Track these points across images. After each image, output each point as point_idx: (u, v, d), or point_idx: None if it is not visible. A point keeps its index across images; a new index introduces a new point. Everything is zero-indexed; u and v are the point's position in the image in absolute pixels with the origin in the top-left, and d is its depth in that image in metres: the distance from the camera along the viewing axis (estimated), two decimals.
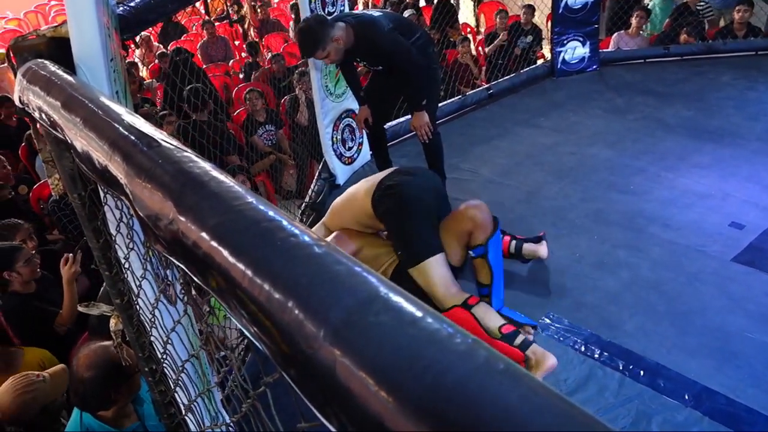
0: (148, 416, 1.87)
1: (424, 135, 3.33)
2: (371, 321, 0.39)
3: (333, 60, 3.14)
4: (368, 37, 3.10)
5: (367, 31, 3.09)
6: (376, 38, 3.10)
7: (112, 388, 1.75)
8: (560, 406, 0.32)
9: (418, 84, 3.22)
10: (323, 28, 2.99)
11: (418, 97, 3.26)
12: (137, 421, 1.86)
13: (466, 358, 0.35)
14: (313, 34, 2.99)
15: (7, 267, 2.76)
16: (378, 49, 3.16)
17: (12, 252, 2.78)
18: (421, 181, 2.52)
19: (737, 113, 4.33)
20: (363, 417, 0.36)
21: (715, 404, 2.11)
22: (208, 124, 4.55)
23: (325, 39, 2.99)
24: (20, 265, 2.77)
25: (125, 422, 1.84)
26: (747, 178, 3.47)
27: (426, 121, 3.28)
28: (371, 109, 3.55)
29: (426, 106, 3.27)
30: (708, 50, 5.44)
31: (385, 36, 3.10)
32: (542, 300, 2.71)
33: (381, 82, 3.49)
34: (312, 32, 2.99)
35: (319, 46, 3.01)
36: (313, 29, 2.99)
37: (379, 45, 3.12)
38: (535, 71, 5.53)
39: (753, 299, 2.55)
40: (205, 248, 0.53)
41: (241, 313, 0.49)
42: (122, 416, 1.84)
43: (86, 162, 0.81)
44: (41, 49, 1.19)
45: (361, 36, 3.09)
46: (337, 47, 3.05)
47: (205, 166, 0.62)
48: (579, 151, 4.06)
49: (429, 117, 3.29)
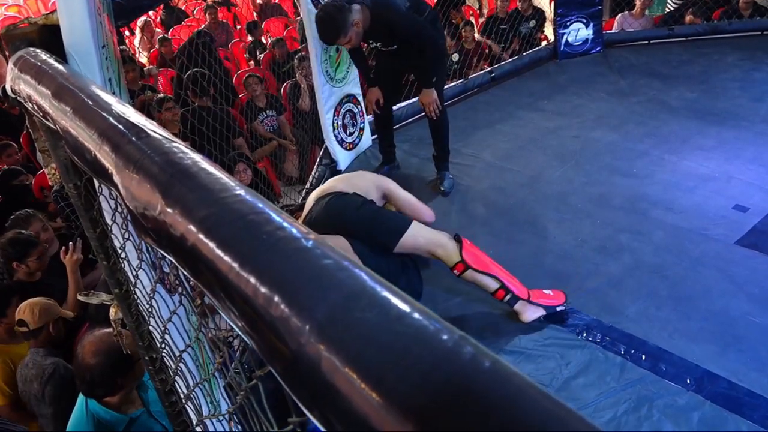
0: (153, 402, 1.88)
1: (433, 111, 3.31)
2: (357, 317, 0.38)
3: (354, 44, 3.09)
4: (386, 17, 3.05)
5: (385, 11, 3.05)
6: (394, 18, 3.07)
7: (118, 374, 1.77)
8: (546, 404, 0.31)
9: (432, 61, 3.21)
10: (342, 14, 2.93)
11: (431, 74, 3.25)
12: (142, 407, 1.88)
13: (452, 355, 0.34)
14: (333, 22, 2.94)
15: (18, 259, 2.86)
16: (395, 29, 3.11)
17: (27, 246, 2.89)
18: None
19: (742, 95, 4.28)
20: (348, 414, 0.35)
21: (717, 388, 2.10)
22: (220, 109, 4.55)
23: (346, 25, 2.94)
24: (32, 259, 2.88)
25: (130, 408, 1.85)
26: (751, 160, 3.44)
27: (435, 97, 3.28)
28: (382, 91, 3.52)
29: (435, 83, 3.27)
30: (713, 31, 5.37)
31: (403, 16, 3.07)
32: (544, 285, 2.70)
33: (390, 63, 3.45)
34: (332, 20, 2.94)
35: (341, 34, 2.96)
36: (333, 17, 2.94)
37: (397, 25, 3.08)
38: (537, 54, 5.47)
39: (756, 283, 2.54)
40: (192, 241, 0.52)
41: (228, 306, 0.49)
42: (127, 402, 1.85)
43: (77, 152, 0.80)
44: (33, 37, 1.18)
45: (378, 17, 3.04)
46: (357, 31, 3.01)
47: (194, 157, 0.61)
48: (582, 134, 4.03)
49: (437, 94, 3.29)
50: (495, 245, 3.02)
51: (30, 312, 2.41)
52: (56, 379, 2.31)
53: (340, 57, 3.79)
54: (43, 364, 2.36)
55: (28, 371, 2.38)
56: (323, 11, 3.01)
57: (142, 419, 1.85)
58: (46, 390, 2.30)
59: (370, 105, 3.58)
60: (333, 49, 3.71)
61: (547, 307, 2.45)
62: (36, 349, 2.44)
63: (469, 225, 3.22)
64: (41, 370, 2.35)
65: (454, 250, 2.40)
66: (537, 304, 2.44)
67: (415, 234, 2.45)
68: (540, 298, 2.46)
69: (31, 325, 2.40)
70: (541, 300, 2.46)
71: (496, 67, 5.23)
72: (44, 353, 2.42)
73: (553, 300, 2.48)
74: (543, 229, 3.09)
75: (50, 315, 2.45)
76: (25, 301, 2.47)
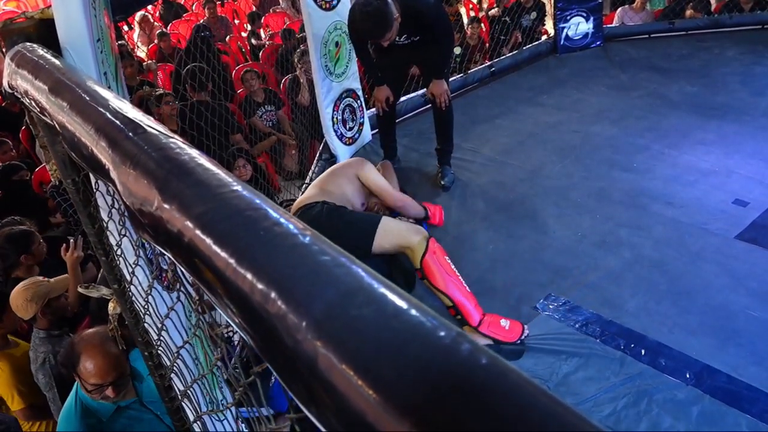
0: (147, 393, 1.88)
1: (444, 102, 3.31)
2: (354, 314, 0.38)
3: (392, 39, 3.03)
4: (415, 8, 3.02)
5: (416, 3, 3.03)
6: (423, 10, 3.05)
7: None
8: (544, 401, 0.31)
9: (446, 51, 3.21)
10: (388, 6, 2.87)
11: (444, 65, 3.25)
12: (134, 397, 1.88)
13: (449, 352, 0.34)
14: (383, 16, 2.87)
15: (25, 250, 2.90)
16: (423, 20, 3.09)
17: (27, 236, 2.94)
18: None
19: (742, 89, 4.27)
20: (345, 411, 0.35)
21: (716, 382, 2.11)
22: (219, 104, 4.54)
23: (392, 19, 2.90)
24: (35, 246, 2.94)
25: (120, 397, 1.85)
26: (751, 154, 3.43)
27: (446, 88, 3.28)
28: (391, 88, 3.48)
29: (446, 74, 3.28)
30: (714, 24, 5.35)
31: (431, 6, 3.07)
32: (544, 279, 2.70)
33: (398, 58, 3.41)
34: (382, 14, 2.87)
35: (388, 28, 2.91)
36: (382, 10, 2.86)
37: (425, 16, 3.06)
38: (538, 48, 5.45)
39: (756, 277, 2.54)
40: (189, 237, 0.52)
41: (225, 303, 0.48)
42: None
43: (74, 148, 0.80)
44: (30, 32, 1.17)
45: (407, 8, 2.99)
46: (396, 25, 2.96)
47: (192, 152, 0.61)
48: (582, 129, 4.02)
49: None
50: (495, 240, 3.02)
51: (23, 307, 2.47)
52: (46, 369, 2.40)
53: (340, 52, 3.78)
54: (36, 352, 2.44)
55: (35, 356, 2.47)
56: (371, 6, 2.89)
57: (131, 408, 1.85)
58: (38, 378, 2.41)
59: (380, 104, 3.51)
60: (332, 43, 3.69)
61: (495, 340, 2.36)
62: (37, 330, 2.51)
63: (469, 220, 3.22)
64: (35, 356, 2.44)
65: (419, 254, 2.40)
66: (485, 336, 2.37)
67: (384, 233, 2.46)
68: (491, 329, 2.38)
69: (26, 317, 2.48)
70: (491, 332, 2.38)
71: (495, 62, 5.21)
72: (43, 337, 2.48)
73: (505, 335, 2.37)
74: (543, 224, 3.09)
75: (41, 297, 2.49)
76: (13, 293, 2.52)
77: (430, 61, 3.35)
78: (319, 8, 3.57)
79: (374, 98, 3.54)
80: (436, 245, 2.44)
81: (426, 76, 3.44)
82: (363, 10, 2.94)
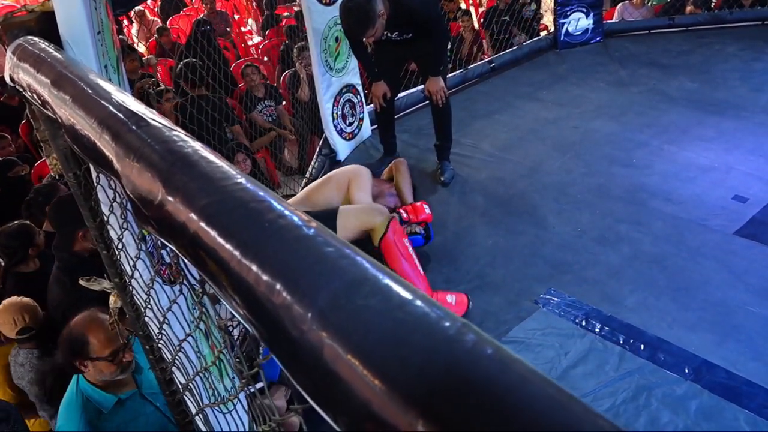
0: (146, 384, 1.89)
1: (440, 99, 3.30)
2: (359, 304, 0.38)
3: (377, 36, 3.03)
4: (407, 5, 3.01)
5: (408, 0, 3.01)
6: (415, 7, 3.03)
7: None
8: (550, 391, 0.31)
9: (440, 48, 3.20)
10: (370, 3, 2.86)
11: (439, 62, 3.24)
12: (134, 389, 1.88)
13: (454, 342, 0.34)
14: (364, 13, 2.86)
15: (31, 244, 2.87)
16: (416, 16, 3.07)
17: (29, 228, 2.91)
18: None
19: (742, 85, 4.27)
20: (351, 401, 0.36)
21: (715, 378, 2.11)
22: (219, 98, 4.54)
23: (374, 17, 2.88)
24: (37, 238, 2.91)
25: (120, 389, 1.86)
26: (751, 150, 3.44)
27: (443, 85, 3.27)
28: (388, 84, 3.48)
29: (442, 71, 3.27)
30: (714, 20, 5.34)
31: (423, 3, 3.05)
32: (543, 275, 2.71)
33: (394, 54, 3.41)
34: (363, 11, 2.86)
35: (370, 25, 2.90)
36: (363, 8, 2.86)
37: (418, 12, 3.05)
38: (537, 43, 5.44)
39: (755, 273, 2.55)
40: (194, 229, 0.52)
41: (230, 295, 0.49)
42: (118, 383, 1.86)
43: (77, 141, 0.80)
44: (31, 25, 1.17)
45: (398, 5, 2.99)
46: (382, 22, 2.95)
47: (195, 145, 0.61)
48: (581, 124, 4.02)
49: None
50: (494, 235, 3.02)
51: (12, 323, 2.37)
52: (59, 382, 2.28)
53: (339, 47, 3.77)
54: (41, 369, 2.36)
55: (25, 372, 2.37)
56: (351, 2, 2.89)
57: (132, 400, 1.86)
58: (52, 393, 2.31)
59: (377, 99, 3.50)
60: (332, 38, 3.69)
61: None
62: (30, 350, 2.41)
63: (469, 215, 3.22)
64: (41, 375, 2.35)
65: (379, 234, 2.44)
66: None
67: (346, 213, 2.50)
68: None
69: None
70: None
71: (495, 57, 5.21)
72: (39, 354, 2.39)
73: (453, 310, 2.43)
74: (542, 220, 3.09)
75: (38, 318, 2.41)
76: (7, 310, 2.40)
77: (425, 57, 3.36)
78: (319, 3, 3.56)
79: (371, 94, 3.54)
80: (397, 226, 2.46)
81: (423, 73, 3.44)
82: (346, 6, 2.96)
